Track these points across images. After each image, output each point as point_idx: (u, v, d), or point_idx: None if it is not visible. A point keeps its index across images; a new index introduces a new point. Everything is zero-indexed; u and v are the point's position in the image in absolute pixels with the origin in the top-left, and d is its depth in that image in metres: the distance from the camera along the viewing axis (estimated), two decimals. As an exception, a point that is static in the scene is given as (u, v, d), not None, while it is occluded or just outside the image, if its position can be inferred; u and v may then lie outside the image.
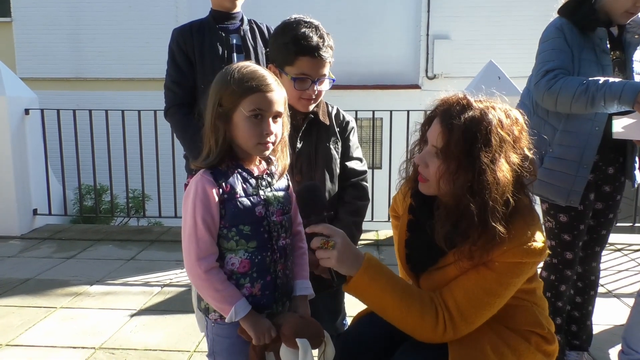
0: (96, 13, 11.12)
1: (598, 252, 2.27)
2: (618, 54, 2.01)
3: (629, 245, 4.19)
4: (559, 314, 2.21)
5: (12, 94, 4.66)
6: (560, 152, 2.04)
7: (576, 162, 2.01)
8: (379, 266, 1.38)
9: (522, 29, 9.28)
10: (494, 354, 1.35)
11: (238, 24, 2.37)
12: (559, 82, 1.91)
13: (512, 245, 1.30)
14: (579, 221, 2.11)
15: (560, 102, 1.93)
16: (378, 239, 4.50)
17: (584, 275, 2.28)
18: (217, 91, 1.34)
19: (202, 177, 1.34)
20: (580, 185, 2.02)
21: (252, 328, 1.33)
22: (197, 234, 1.31)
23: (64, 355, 2.54)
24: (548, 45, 2.00)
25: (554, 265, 2.17)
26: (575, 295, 2.30)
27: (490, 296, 1.33)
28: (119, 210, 6.56)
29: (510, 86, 4.24)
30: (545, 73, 1.95)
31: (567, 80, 1.90)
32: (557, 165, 2.04)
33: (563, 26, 2.00)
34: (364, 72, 10.88)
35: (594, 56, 1.97)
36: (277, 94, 1.35)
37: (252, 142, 1.34)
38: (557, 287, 2.18)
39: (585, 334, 2.33)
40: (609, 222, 2.22)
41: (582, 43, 1.98)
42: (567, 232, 2.12)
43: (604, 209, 2.19)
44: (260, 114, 1.32)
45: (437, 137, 1.34)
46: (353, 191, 1.89)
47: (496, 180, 1.26)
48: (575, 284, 2.29)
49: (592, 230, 2.22)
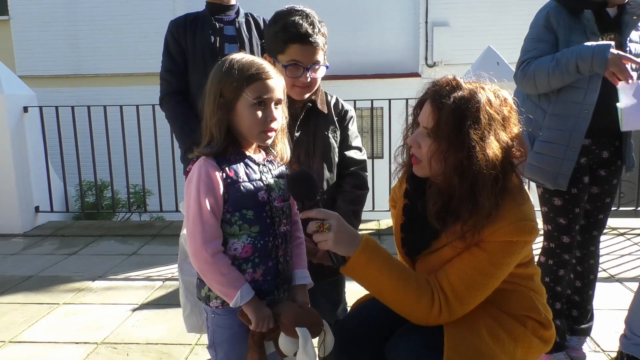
0: (93, 9, 11.11)
1: (596, 236, 2.27)
2: (614, 36, 1.98)
3: (632, 229, 4.18)
4: (559, 298, 2.21)
5: (10, 92, 4.66)
6: (548, 136, 2.05)
7: (564, 146, 2.01)
8: (377, 247, 1.39)
9: (521, 14, 9.20)
10: (489, 336, 1.36)
11: (233, 16, 2.38)
12: (531, 66, 2.00)
13: (503, 224, 1.32)
14: (573, 204, 2.11)
15: (538, 83, 2.00)
16: (379, 228, 4.50)
17: (582, 259, 2.28)
18: (218, 82, 1.36)
19: (205, 162, 1.35)
20: (567, 169, 2.02)
21: (254, 313, 1.34)
22: (203, 217, 1.32)
23: (67, 351, 2.55)
24: (530, 34, 2.07)
25: (552, 249, 2.18)
26: (575, 279, 2.30)
27: (484, 276, 1.34)
28: (121, 206, 6.57)
29: (509, 71, 4.18)
30: (521, 63, 2.05)
31: (538, 61, 1.99)
32: (546, 149, 2.05)
33: (550, 11, 2.02)
34: (363, 62, 10.84)
35: (584, 38, 1.96)
36: (278, 81, 1.39)
37: (257, 129, 1.37)
38: (556, 272, 2.18)
39: (586, 319, 2.33)
40: (605, 206, 2.22)
41: (571, 25, 1.98)
42: (562, 215, 2.12)
43: (600, 192, 2.18)
44: (263, 101, 1.35)
45: (428, 117, 1.36)
46: (352, 180, 1.88)
47: (486, 157, 1.28)
48: (574, 268, 2.29)
49: (588, 214, 2.21)
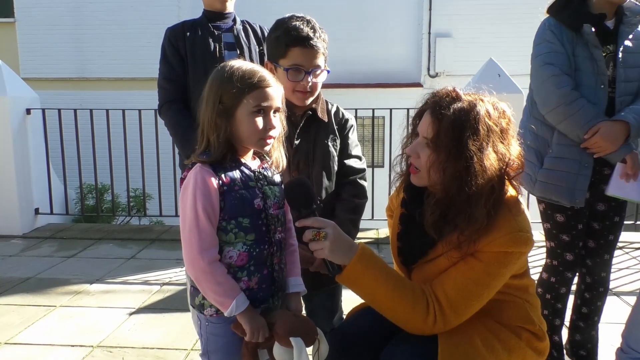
0: (98, 13, 11.16)
1: (608, 261, 2.17)
2: (611, 48, 1.97)
3: (631, 243, 4.16)
4: (558, 315, 2.18)
5: (14, 94, 4.68)
6: (559, 152, 2.01)
7: (577, 161, 1.97)
8: (373, 256, 1.40)
9: (523, 26, 9.23)
10: (484, 346, 1.36)
11: (231, 24, 2.38)
12: (579, 107, 1.91)
13: (499, 234, 1.33)
14: (576, 220, 2.06)
15: (567, 125, 1.95)
16: (378, 237, 4.49)
17: (592, 286, 2.19)
18: (217, 89, 1.36)
19: (201, 169, 1.35)
20: (583, 184, 1.97)
21: (248, 323, 1.34)
22: (199, 225, 1.32)
23: (62, 354, 2.55)
24: (544, 48, 1.99)
25: (555, 267, 2.13)
26: (581, 305, 2.23)
27: (479, 286, 1.35)
28: (121, 210, 6.57)
29: (510, 84, 4.21)
30: (561, 90, 1.93)
31: (587, 108, 1.90)
32: (558, 165, 2.01)
33: (550, 27, 1.99)
34: (365, 71, 10.87)
35: (587, 51, 1.95)
36: (277, 90, 1.40)
37: (255, 137, 1.37)
38: (557, 290, 2.14)
39: (590, 344, 2.26)
40: (615, 227, 2.13)
41: (573, 39, 1.96)
42: (565, 232, 2.08)
43: (607, 210, 2.11)
44: (263, 109, 1.36)
45: (427, 127, 1.38)
46: (351, 189, 1.88)
47: (483, 168, 1.30)
48: (582, 295, 2.22)
49: (598, 235, 2.13)
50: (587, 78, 1.95)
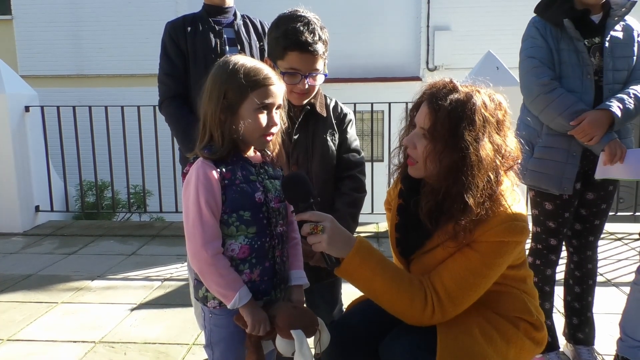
0: (96, 9, 11.12)
1: (593, 242, 2.28)
2: (598, 40, 2.05)
3: (630, 234, 4.18)
4: (547, 298, 2.25)
5: (12, 92, 4.68)
6: (548, 141, 2.09)
7: (565, 150, 2.06)
8: (370, 249, 1.41)
9: (522, 19, 9.21)
10: (482, 337, 1.37)
11: (231, 19, 2.37)
12: (557, 95, 2.01)
13: (494, 224, 1.34)
14: (564, 209, 2.14)
15: (547, 114, 2.05)
16: (378, 231, 4.51)
17: (580, 263, 2.29)
18: (222, 84, 1.36)
19: (203, 163, 1.36)
20: (571, 173, 2.06)
21: (250, 317, 1.35)
22: (203, 218, 1.33)
23: (65, 350, 2.56)
24: (528, 44, 2.12)
25: (539, 250, 2.23)
26: (574, 284, 2.31)
27: (476, 277, 1.36)
28: (121, 206, 6.58)
29: (508, 76, 4.21)
30: (532, 68, 2.06)
31: (565, 97, 2.00)
32: (547, 154, 2.09)
33: (535, 24, 2.12)
34: (364, 65, 10.85)
35: (571, 45, 2.04)
36: (280, 87, 1.42)
37: (258, 133, 1.38)
38: (544, 272, 2.24)
39: (587, 327, 2.32)
40: (601, 212, 2.22)
41: (557, 35, 2.07)
42: (552, 219, 2.17)
43: (595, 198, 2.20)
44: (266, 106, 1.37)
45: (424, 118, 1.39)
46: (350, 183, 1.89)
47: (479, 158, 1.31)
48: (572, 273, 2.31)
49: (584, 219, 2.23)
50: (574, 70, 2.04)
